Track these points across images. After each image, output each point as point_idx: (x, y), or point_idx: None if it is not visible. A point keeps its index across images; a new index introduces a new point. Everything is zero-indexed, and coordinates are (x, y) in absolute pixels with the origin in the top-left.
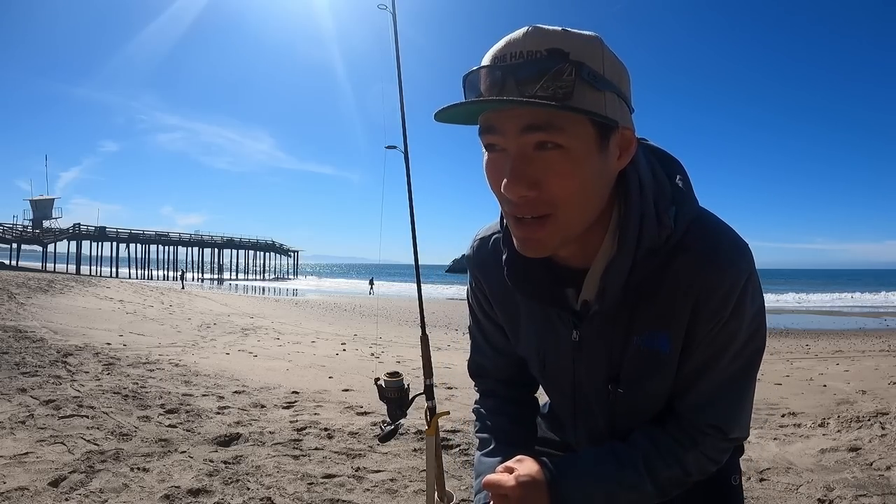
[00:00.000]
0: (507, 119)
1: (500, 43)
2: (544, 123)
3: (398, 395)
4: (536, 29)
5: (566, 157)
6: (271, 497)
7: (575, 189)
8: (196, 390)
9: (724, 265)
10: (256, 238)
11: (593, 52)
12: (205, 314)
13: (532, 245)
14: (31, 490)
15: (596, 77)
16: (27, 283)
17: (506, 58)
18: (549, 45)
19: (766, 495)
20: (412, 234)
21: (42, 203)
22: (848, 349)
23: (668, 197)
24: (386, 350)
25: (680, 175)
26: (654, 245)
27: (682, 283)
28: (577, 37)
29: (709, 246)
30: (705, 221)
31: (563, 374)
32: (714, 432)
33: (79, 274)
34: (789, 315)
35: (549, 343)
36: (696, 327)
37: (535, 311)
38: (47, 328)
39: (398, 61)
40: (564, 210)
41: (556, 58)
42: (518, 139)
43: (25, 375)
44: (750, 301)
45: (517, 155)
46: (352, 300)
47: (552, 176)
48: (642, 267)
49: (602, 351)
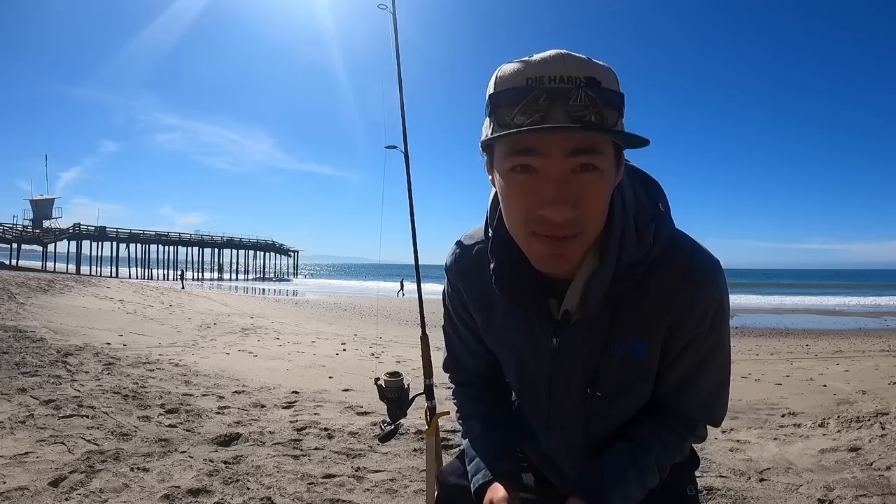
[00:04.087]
0: (553, 142)
1: (529, 63)
2: (590, 148)
3: (398, 395)
4: (570, 55)
5: (601, 179)
6: (271, 497)
7: (602, 207)
8: (196, 390)
9: (702, 283)
10: (256, 238)
11: (614, 81)
12: (205, 314)
13: (560, 260)
14: (31, 490)
15: (621, 105)
16: (27, 282)
17: (544, 80)
18: (586, 72)
19: (766, 495)
20: (412, 233)
21: (42, 203)
22: (848, 349)
23: (648, 215)
24: (386, 350)
25: (660, 196)
26: (633, 260)
27: (661, 298)
28: (601, 66)
29: (687, 264)
30: (681, 241)
31: (540, 378)
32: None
33: (79, 274)
34: (789, 315)
35: (528, 348)
36: (677, 338)
37: (515, 318)
38: (47, 328)
39: (398, 61)
40: (592, 227)
41: (594, 86)
42: (562, 162)
43: (25, 375)
44: (726, 314)
45: (561, 177)
46: (352, 300)
47: (589, 197)
48: (623, 280)
49: (581, 357)
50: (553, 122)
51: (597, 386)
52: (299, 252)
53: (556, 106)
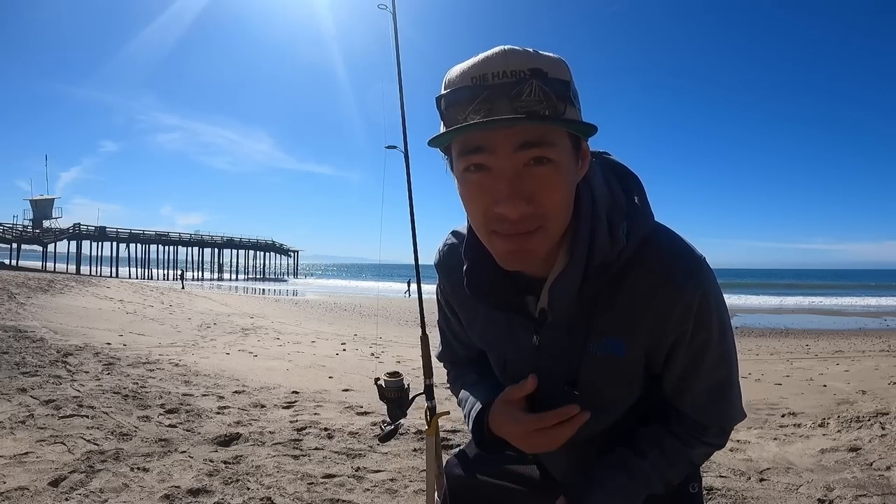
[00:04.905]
0: (500, 138)
1: (473, 63)
2: (539, 140)
3: (398, 395)
4: (512, 49)
5: (556, 171)
6: (271, 497)
7: (562, 200)
8: (196, 390)
9: (680, 283)
10: (256, 238)
11: (563, 70)
12: (205, 314)
13: (523, 256)
14: (31, 490)
15: (574, 93)
16: (27, 282)
17: (487, 77)
18: (530, 65)
19: (766, 495)
20: (412, 233)
21: (42, 203)
22: (848, 349)
23: (622, 211)
24: (386, 350)
25: (636, 190)
26: (605, 259)
27: (639, 299)
28: (548, 56)
29: (664, 263)
30: (660, 237)
31: (523, 375)
32: (716, 428)
33: (79, 274)
34: (789, 315)
35: (510, 346)
36: (663, 340)
37: (496, 317)
38: (47, 328)
39: (398, 61)
40: (553, 221)
41: (539, 77)
42: (512, 157)
43: (25, 375)
44: (714, 312)
45: (513, 173)
46: (352, 300)
47: (544, 190)
48: (595, 280)
49: (560, 355)
50: (497, 117)
51: (576, 384)
52: (299, 252)
53: (500, 101)
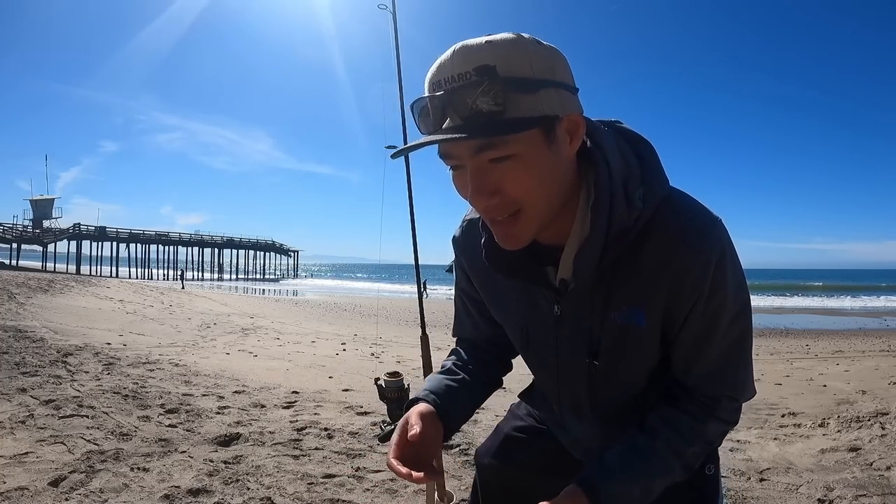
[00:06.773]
0: (457, 147)
1: (433, 67)
2: (489, 143)
3: (398, 394)
4: (462, 48)
5: (519, 164)
6: (271, 497)
7: (534, 186)
8: (196, 390)
9: (695, 243)
10: (256, 238)
11: (519, 55)
12: (205, 314)
13: (510, 240)
14: (31, 490)
15: (526, 82)
16: (27, 282)
17: (440, 83)
18: (476, 62)
19: (766, 495)
20: (412, 233)
21: (42, 203)
22: (848, 349)
23: (636, 178)
24: (386, 350)
25: (649, 156)
26: (624, 226)
27: (657, 262)
28: (501, 45)
29: (680, 225)
30: (675, 200)
31: (545, 347)
32: (727, 399)
33: (79, 274)
34: (789, 315)
35: (532, 318)
36: (679, 303)
37: (517, 288)
38: (47, 328)
39: (398, 61)
40: (531, 205)
41: (484, 74)
42: (473, 159)
43: (25, 375)
44: (731, 273)
45: (474, 172)
46: (352, 300)
47: (509, 183)
48: (615, 247)
49: (582, 325)
50: (447, 127)
51: (597, 354)
52: (299, 252)
53: (448, 111)
